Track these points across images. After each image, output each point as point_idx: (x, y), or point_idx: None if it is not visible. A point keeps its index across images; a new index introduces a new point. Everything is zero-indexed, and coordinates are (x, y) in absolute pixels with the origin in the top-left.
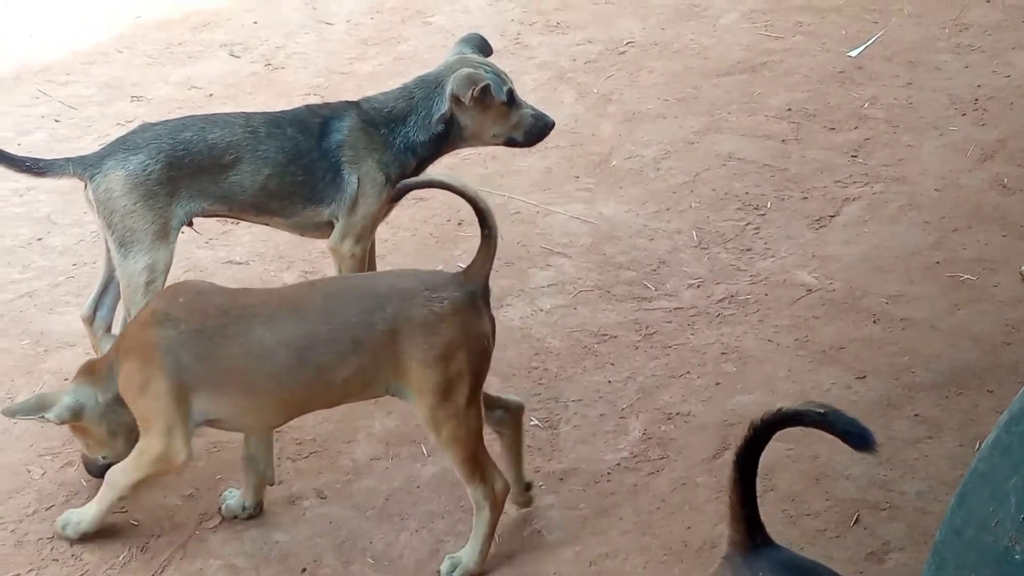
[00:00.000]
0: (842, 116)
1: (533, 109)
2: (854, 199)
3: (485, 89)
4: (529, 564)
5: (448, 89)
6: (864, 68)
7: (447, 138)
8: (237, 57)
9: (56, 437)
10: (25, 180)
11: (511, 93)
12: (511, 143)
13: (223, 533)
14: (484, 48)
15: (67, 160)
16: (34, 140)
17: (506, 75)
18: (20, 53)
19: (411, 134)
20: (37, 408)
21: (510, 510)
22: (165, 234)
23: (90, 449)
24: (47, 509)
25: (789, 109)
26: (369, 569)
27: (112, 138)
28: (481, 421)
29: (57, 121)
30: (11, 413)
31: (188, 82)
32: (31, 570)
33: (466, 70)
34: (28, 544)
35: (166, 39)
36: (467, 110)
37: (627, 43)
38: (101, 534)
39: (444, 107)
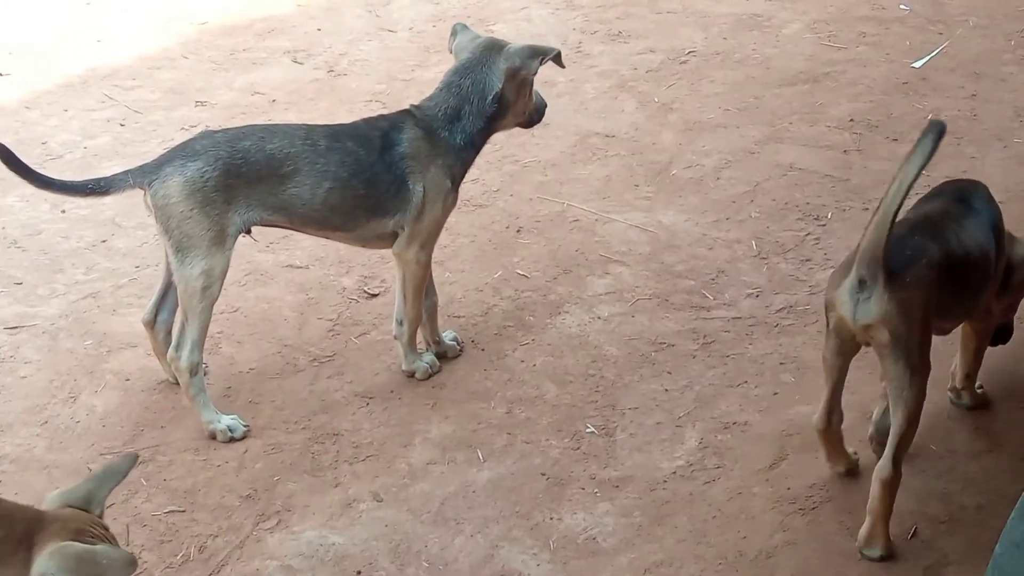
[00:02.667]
0: (905, 127)
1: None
2: None
3: (557, 57)
4: (584, 571)
5: (501, 65)
6: (928, 79)
7: (497, 118)
8: (300, 64)
9: (117, 437)
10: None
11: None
12: (527, 123)
13: (280, 534)
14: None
15: (126, 172)
16: (99, 144)
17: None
18: (88, 58)
19: (468, 126)
20: None
21: (566, 519)
22: (222, 240)
23: None
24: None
25: (851, 120)
26: (424, 572)
27: (175, 143)
28: None
29: (122, 125)
30: None
31: (251, 88)
32: None
33: (521, 45)
34: None
35: (231, 45)
36: (514, 86)
37: (689, 52)
38: (160, 534)
39: (498, 85)
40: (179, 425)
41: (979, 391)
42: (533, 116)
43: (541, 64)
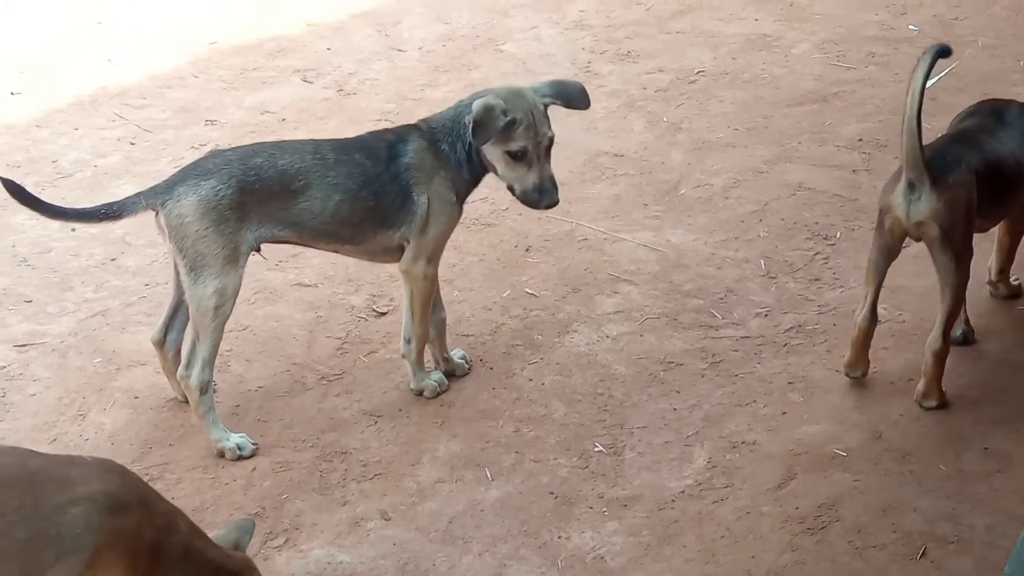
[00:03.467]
0: None
1: (544, 178)
2: None
3: (475, 124)
4: None
5: (470, 114)
6: (937, 99)
7: (476, 159)
8: (310, 83)
9: (126, 454)
10: (102, 201)
11: (523, 150)
12: (512, 192)
13: (288, 552)
14: (576, 98)
15: (138, 195)
16: (110, 162)
17: (545, 125)
18: (98, 77)
19: (458, 148)
20: None
21: (574, 538)
22: (235, 259)
23: None
24: None
25: (860, 140)
26: None
27: (186, 161)
28: None
29: (133, 144)
30: None
31: (261, 107)
32: None
33: (481, 101)
34: None
35: (241, 64)
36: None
37: (698, 72)
38: None
39: (467, 132)
40: (188, 443)
41: (1014, 282)
42: (524, 197)
43: (466, 122)
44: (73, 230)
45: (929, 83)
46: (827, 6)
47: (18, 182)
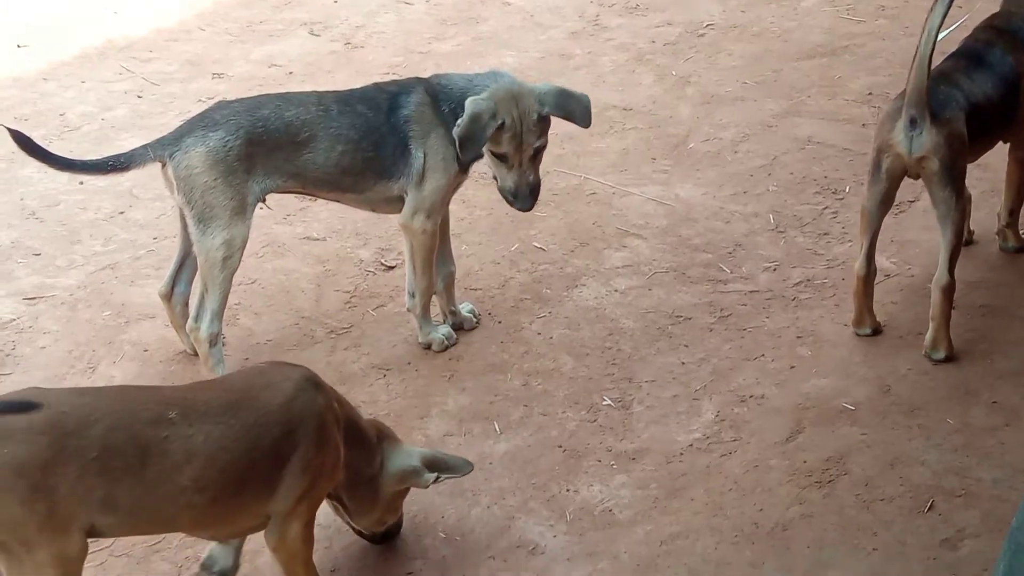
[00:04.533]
0: None
1: (522, 182)
2: None
3: (461, 139)
4: (600, 543)
5: (465, 110)
6: (947, 52)
7: None
8: (317, 36)
9: None
10: (109, 154)
11: (503, 157)
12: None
13: None
14: (578, 115)
15: (145, 147)
16: (117, 115)
17: (528, 138)
18: (105, 30)
19: (459, 116)
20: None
21: (582, 491)
22: (242, 210)
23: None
24: None
25: (870, 93)
26: (440, 543)
27: (193, 114)
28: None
29: (140, 97)
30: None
31: (268, 60)
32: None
33: (472, 108)
34: None
35: (248, 17)
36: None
37: (707, 25)
38: None
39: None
40: None
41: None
42: (501, 193)
43: (458, 126)
44: (81, 183)
45: (940, 35)
46: None
47: (26, 134)
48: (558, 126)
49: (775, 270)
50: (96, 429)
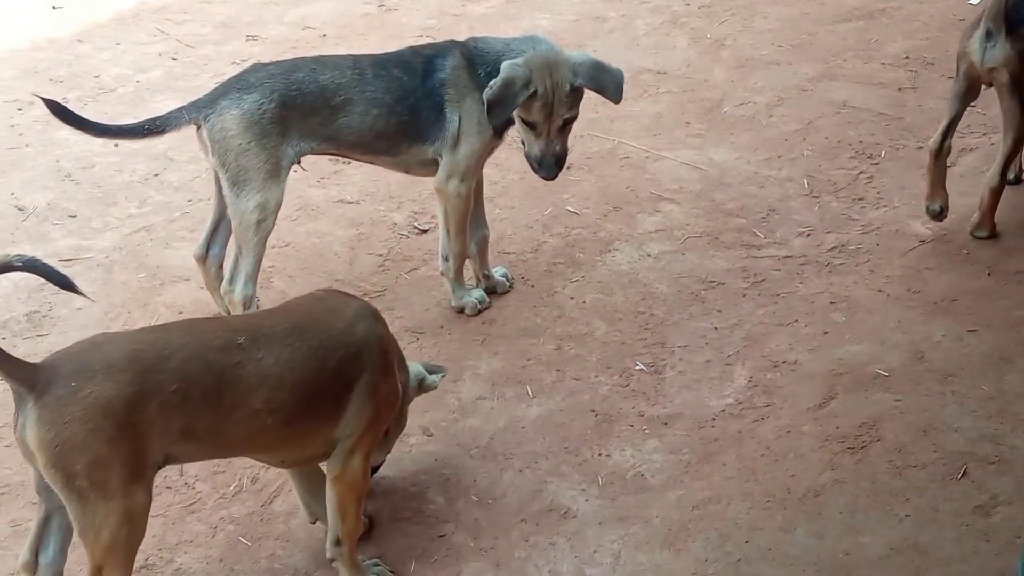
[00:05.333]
0: None
1: (549, 149)
2: (971, 149)
3: (490, 103)
4: (632, 507)
5: (499, 75)
6: None
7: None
8: None
9: None
10: (144, 116)
11: (533, 126)
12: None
13: None
14: (610, 90)
15: (180, 109)
16: (151, 77)
17: (559, 109)
18: None
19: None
20: None
21: (614, 455)
22: (276, 172)
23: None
24: None
25: (907, 57)
26: (473, 506)
27: (227, 76)
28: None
29: (174, 59)
30: None
31: (302, 22)
32: None
33: (507, 70)
34: None
35: None
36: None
37: None
38: (213, 464)
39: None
40: None
41: None
42: (527, 159)
43: (489, 90)
44: (116, 145)
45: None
46: None
47: (60, 101)
48: (590, 91)
49: (809, 235)
50: (172, 362)
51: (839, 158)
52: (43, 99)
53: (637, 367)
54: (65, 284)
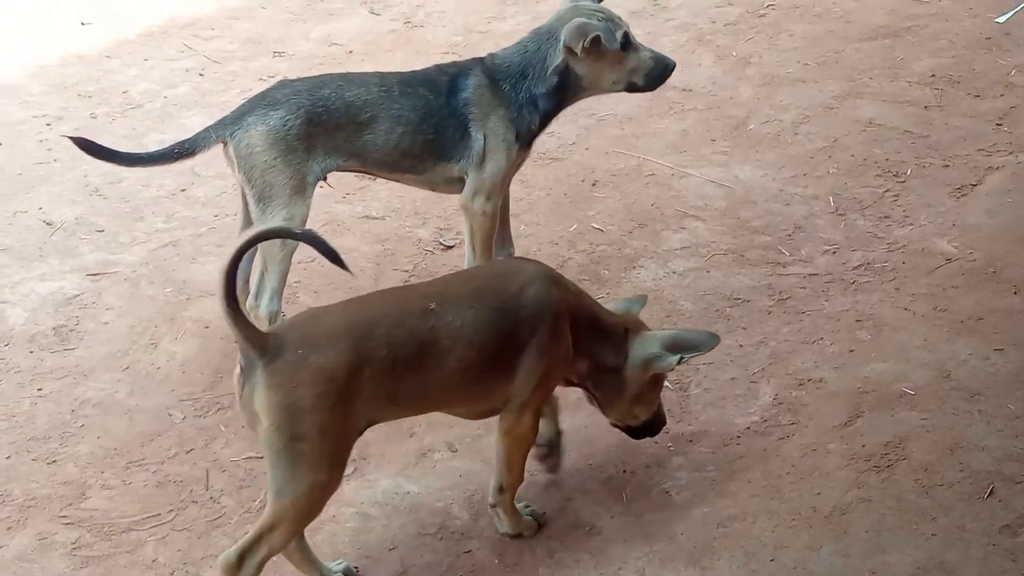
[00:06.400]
0: (987, 83)
1: (651, 51)
2: (998, 168)
3: (596, 39)
4: (658, 524)
5: (561, 40)
6: (1012, 35)
7: (566, 89)
8: (377, 15)
9: (197, 383)
10: (172, 132)
11: (626, 37)
12: (632, 88)
13: (356, 482)
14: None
15: (208, 129)
16: (179, 93)
17: (620, 19)
18: (168, 8)
19: (532, 87)
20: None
21: (639, 472)
22: (302, 189)
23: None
24: (187, 452)
25: (933, 75)
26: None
27: (254, 92)
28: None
29: (201, 75)
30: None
31: (329, 39)
32: (171, 510)
33: (577, 20)
34: (168, 485)
35: None
36: (582, 60)
37: (768, 5)
38: (239, 479)
39: (558, 59)
40: None
41: None
42: (637, 82)
43: (585, 45)
44: None
45: (1003, 17)
46: None
47: (89, 139)
48: (616, 107)
49: (835, 253)
50: (380, 330)
51: (865, 176)
52: (71, 138)
53: None
54: (336, 259)
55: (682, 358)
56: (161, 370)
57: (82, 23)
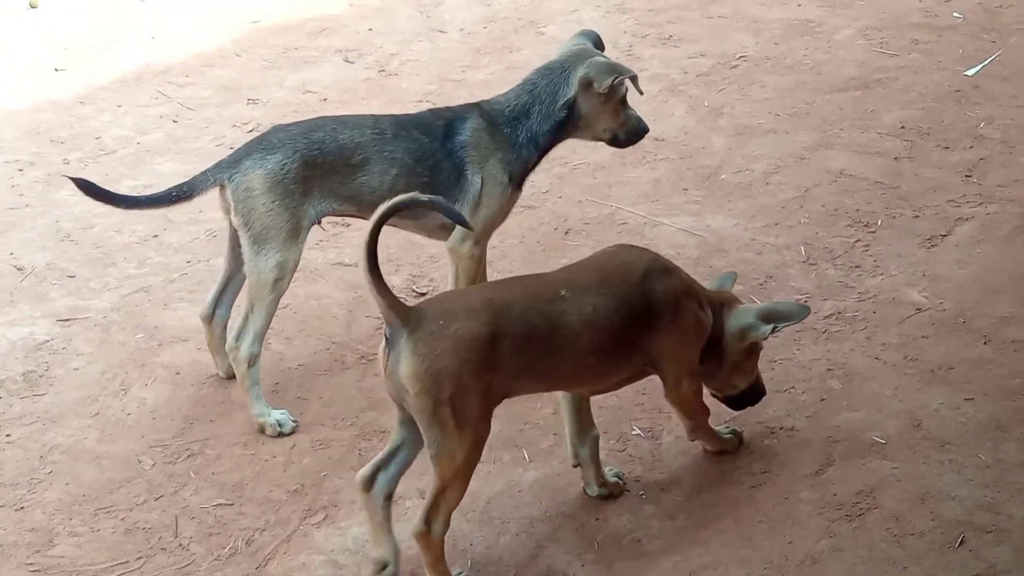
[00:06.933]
0: (957, 135)
1: (636, 112)
2: (967, 219)
3: (621, 82)
4: (629, 573)
5: (578, 73)
6: (981, 87)
7: (566, 125)
8: (352, 63)
9: (167, 429)
10: (144, 178)
11: (625, 92)
12: (614, 141)
13: (326, 529)
14: (599, 44)
15: (205, 173)
16: (153, 139)
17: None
18: (142, 55)
19: (534, 126)
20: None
21: (611, 520)
22: (297, 233)
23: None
24: (156, 499)
25: (903, 127)
26: (469, 571)
27: (228, 139)
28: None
29: (175, 121)
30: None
31: (303, 86)
32: (139, 558)
33: (604, 59)
34: (137, 532)
35: (283, 44)
36: (590, 98)
37: (739, 57)
38: (208, 526)
39: (570, 92)
40: (228, 420)
41: None
42: (620, 136)
43: (614, 83)
44: None
45: (972, 70)
46: None
47: (89, 180)
48: (589, 156)
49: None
50: (516, 309)
51: (836, 226)
52: (72, 179)
53: (634, 432)
54: (462, 220)
55: (775, 327)
56: (131, 416)
57: (56, 69)
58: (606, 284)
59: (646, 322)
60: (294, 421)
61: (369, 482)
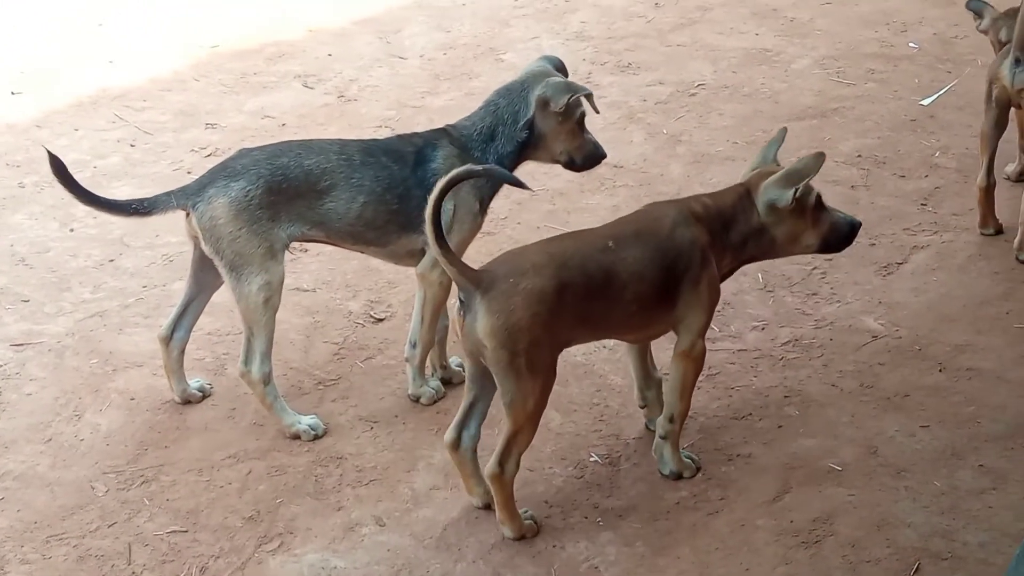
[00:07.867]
0: (912, 164)
1: (593, 136)
2: (923, 247)
3: (583, 98)
4: None
5: (535, 93)
6: (936, 117)
7: (528, 146)
8: (311, 88)
9: (121, 455)
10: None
11: (583, 115)
12: (571, 164)
13: (282, 556)
14: (561, 69)
15: (168, 194)
16: (109, 164)
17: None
18: (99, 79)
19: (500, 148)
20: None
21: (568, 547)
22: (273, 254)
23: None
24: (109, 526)
25: (859, 155)
26: None
27: (185, 164)
28: None
29: (132, 146)
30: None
31: (262, 111)
32: None
33: (562, 79)
34: (90, 560)
35: (241, 69)
36: (547, 118)
37: (698, 85)
38: (162, 554)
39: (529, 112)
40: (183, 446)
41: None
42: (576, 159)
43: (570, 101)
44: (72, 230)
45: (928, 100)
46: (827, 22)
47: (62, 160)
48: (548, 182)
49: (763, 329)
50: (574, 261)
51: None
52: (49, 153)
53: (592, 459)
54: (520, 183)
55: (797, 189)
56: (84, 442)
57: (12, 92)
58: (641, 237)
59: (679, 272)
60: (324, 424)
61: (456, 442)
